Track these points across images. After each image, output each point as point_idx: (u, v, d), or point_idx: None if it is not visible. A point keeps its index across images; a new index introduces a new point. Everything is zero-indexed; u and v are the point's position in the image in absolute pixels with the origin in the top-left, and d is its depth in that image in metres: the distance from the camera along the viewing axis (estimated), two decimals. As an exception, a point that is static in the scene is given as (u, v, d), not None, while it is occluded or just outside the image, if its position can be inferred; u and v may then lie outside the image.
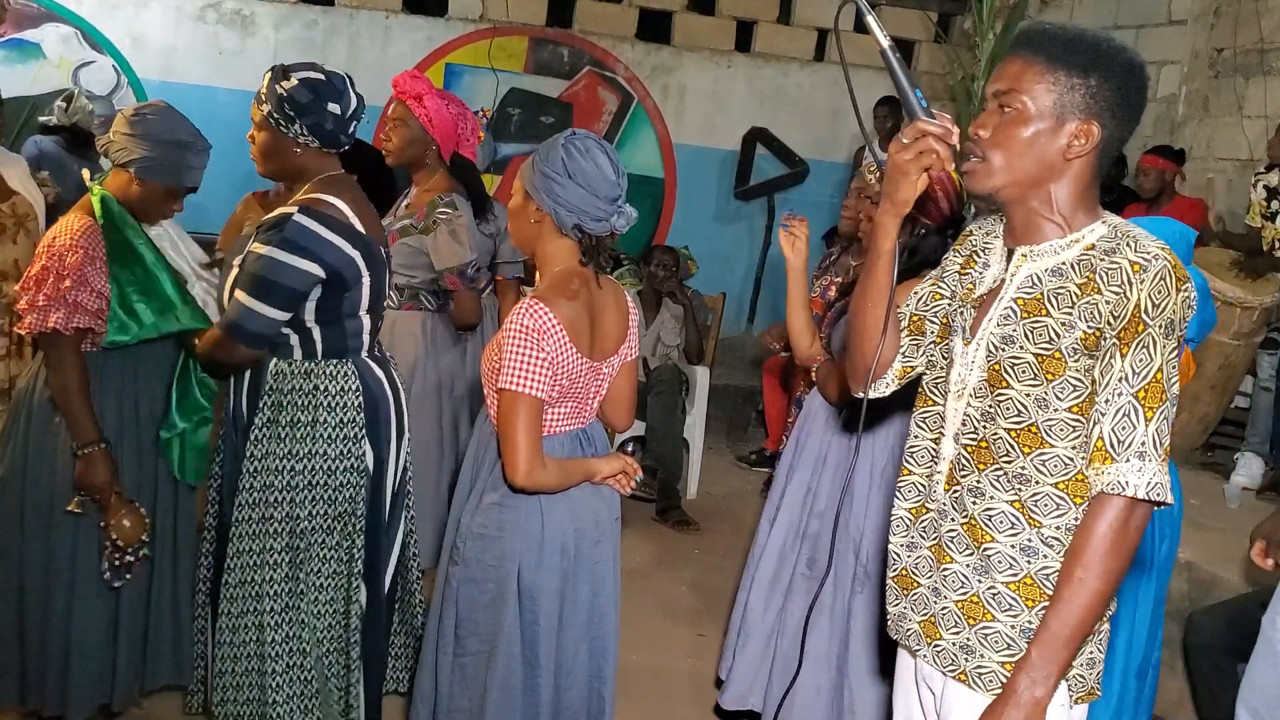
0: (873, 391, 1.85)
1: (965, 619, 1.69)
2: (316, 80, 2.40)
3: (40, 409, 2.60)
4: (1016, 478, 1.63)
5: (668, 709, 3.38)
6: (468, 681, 2.24)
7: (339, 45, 7.14)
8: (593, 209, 2.15)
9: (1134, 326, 1.54)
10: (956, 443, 1.71)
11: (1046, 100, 1.59)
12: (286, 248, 2.33)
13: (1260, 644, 2.62)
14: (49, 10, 6.78)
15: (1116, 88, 1.59)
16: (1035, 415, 1.61)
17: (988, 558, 1.66)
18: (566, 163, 2.13)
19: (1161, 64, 6.55)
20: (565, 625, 2.26)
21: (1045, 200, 1.64)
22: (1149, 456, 1.54)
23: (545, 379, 2.10)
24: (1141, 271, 1.54)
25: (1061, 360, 1.59)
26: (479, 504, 2.23)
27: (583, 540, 2.26)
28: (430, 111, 3.35)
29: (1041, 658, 1.57)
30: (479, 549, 2.21)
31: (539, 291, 2.18)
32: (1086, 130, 1.59)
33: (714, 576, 4.32)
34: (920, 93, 1.63)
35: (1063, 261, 1.62)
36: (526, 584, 2.20)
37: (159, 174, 2.59)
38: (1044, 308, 1.61)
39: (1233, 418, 5.17)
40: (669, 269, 5.51)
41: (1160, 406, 1.55)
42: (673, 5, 7.64)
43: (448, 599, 2.26)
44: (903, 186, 1.64)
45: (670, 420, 5.18)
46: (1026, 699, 1.57)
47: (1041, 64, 1.60)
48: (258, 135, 2.47)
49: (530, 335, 2.09)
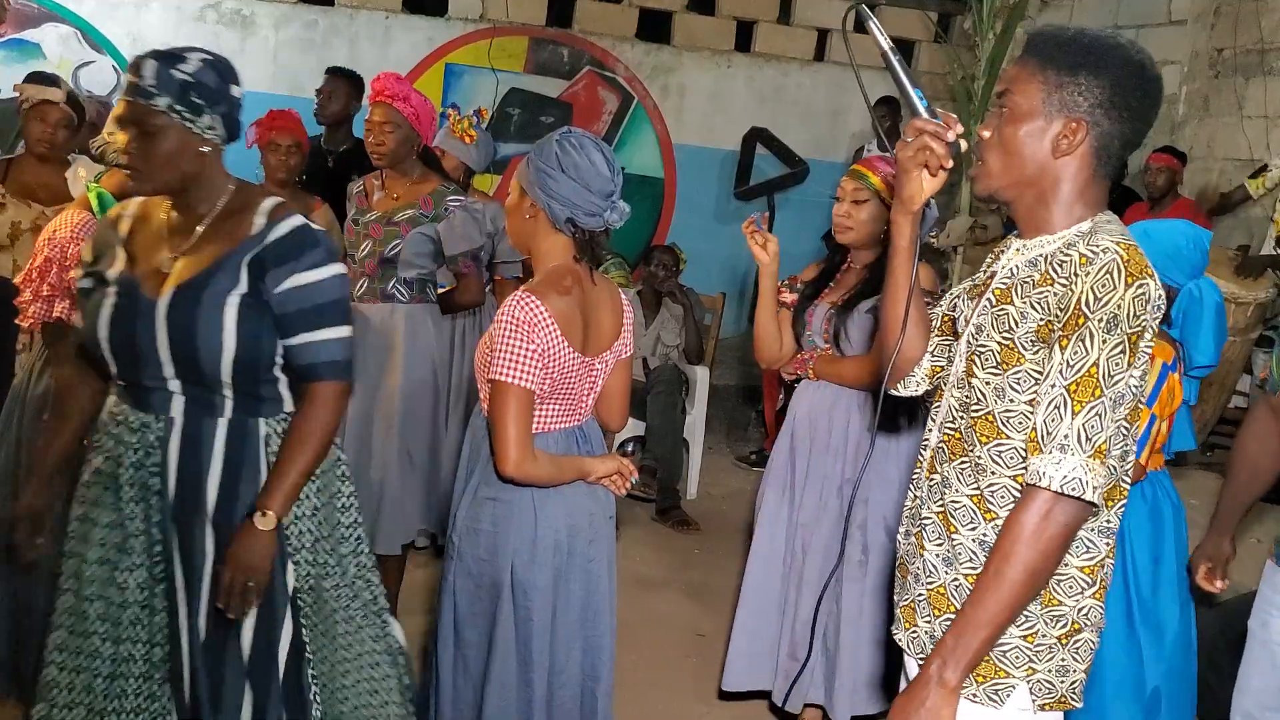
0: (904, 390, 1.88)
1: (933, 608, 1.71)
2: (216, 60, 1.98)
3: (33, 404, 2.62)
4: (976, 468, 1.65)
5: (668, 709, 3.39)
6: (470, 673, 2.27)
7: (339, 45, 7.14)
8: (585, 203, 2.17)
9: (1075, 319, 1.53)
10: (941, 432, 1.74)
11: (1036, 100, 1.61)
12: (335, 258, 2.05)
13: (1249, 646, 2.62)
14: (49, 10, 6.78)
15: (1109, 85, 1.59)
16: (993, 405, 1.62)
17: (954, 548, 1.68)
18: (560, 157, 2.16)
19: (1161, 64, 6.43)
20: (558, 623, 2.28)
21: (1040, 198, 1.65)
22: (1070, 450, 1.51)
23: (536, 370, 2.12)
24: (1087, 264, 1.54)
25: (1015, 350, 1.60)
26: (474, 499, 2.25)
27: (576, 538, 2.28)
28: (416, 108, 3.41)
29: (955, 643, 1.57)
30: (473, 543, 2.24)
31: (531, 285, 2.21)
32: (1073, 128, 1.61)
33: (714, 576, 4.32)
34: (921, 92, 1.66)
35: (1041, 255, 1.64)
36: (519, 579, 2.22)
37: None
38: (1009, 297, 1.64)
39: (1231, 416, 5.16)
40: (669, 269, 5.52)
41: (1091, 401, 1.51)
42: (673, 5, 7.64)
43: (445, 593, 2.30)
44: (905, 184, 1.69)
45: (670, 420, 5.18)
46: (937, 683, 1.58)
47: (1034, 65, 1.63)
48: (143, 140, 1.92)
49: (521, 327, 2.11)
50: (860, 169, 3.00)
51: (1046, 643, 1.63)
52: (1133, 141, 1.65)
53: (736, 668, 3.09)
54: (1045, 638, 1.63)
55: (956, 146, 1.66)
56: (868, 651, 2.90)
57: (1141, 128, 1.65)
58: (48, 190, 3.57)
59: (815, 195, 7.57)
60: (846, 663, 2.91)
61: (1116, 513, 1.66)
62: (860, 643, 2.90)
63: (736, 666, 3.09)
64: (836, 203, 2.99)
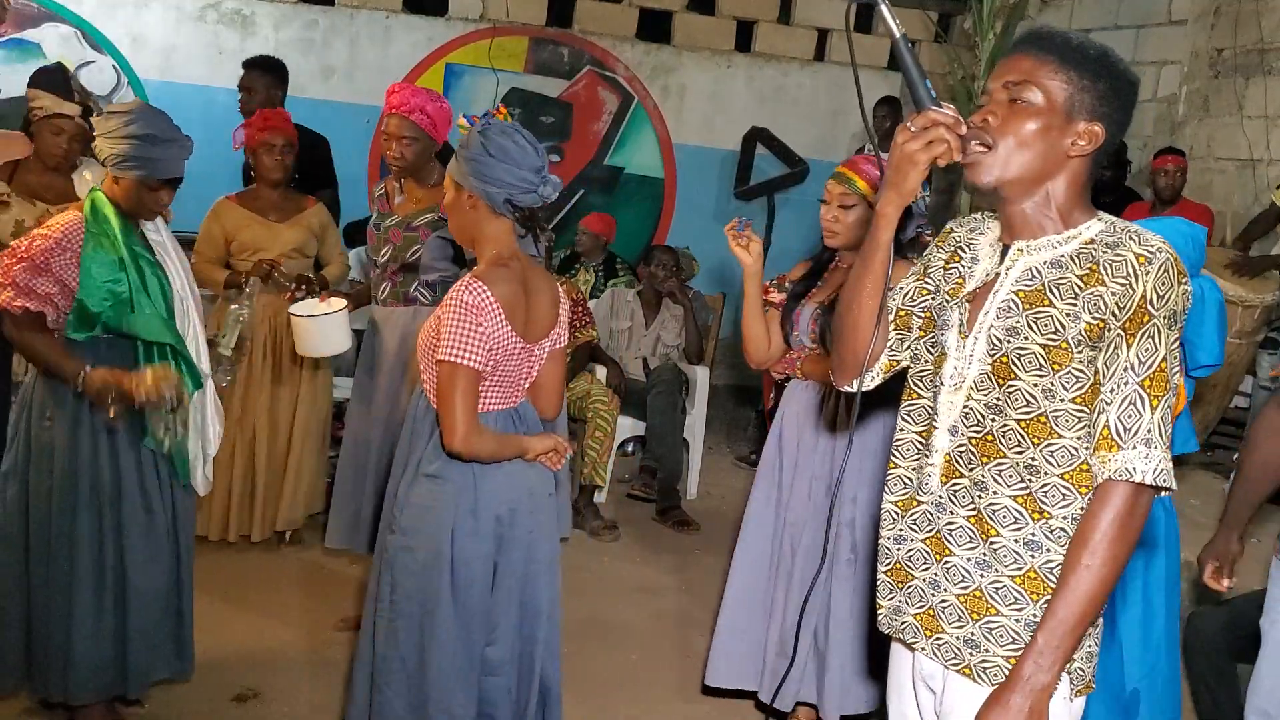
0: (859, 385, 1.84)
1: (969, 613, 1.69)
2: None
3: (38, 405, 2.70)
4: (1027, 469, 1.64)
5: (667, 708, 3.39)
6: (399, 642, 2.36)
7: (339, 45, 7.14)
8: (519, 181, 2.31)
9: (1140, 317, 1.57)
10: (955, 436, 1.71)
11: (1060, 96, 1.62)
12: None
13: (1265, 646, 2.61)
14: (49, 10, 6.77)
15: (1121, 97, 1.65)
16: (1044, 405, 1.62)
17: (993, 551, 1.67)
18: (485, 144, 2.30)
19: (1161, 64, 6.55)
20: (498, 588, 2.41)
21: (1044, 196, 1.66)
22: (1155, 443, 1.57)
23: (481, 352, 2.26)
24: (1147, 264, 1.58)
25: (1068, 350, 1.60)
26: (415, 475, 2.36)
27: (518, 511, 2.41)
28: (432, 117, 3.46)
29: (1048, 644, 1.59)
30: (414, 517, 2.35)
31: (478, 271, 2.33)
32: (1092, 131, 1.63)
33: (714, 577, 4.31)
34: (930, 84, 1.64)
35: (1062, 255, 1.65)
36: (459, 551, 2.33)
37: (129, 168, 2.65)
38: (1046, 299, 1.63)
39: (1232, 417, 5.17)
40: (669, 269, 5.52)
41: (1164, 395, 1.58)
42: (673, 5, 7.64)
43: (384, 565, 2.39)
44: (910, 176, 1.63)
45: (670, 420, 5.18)
46: (1033, 685, 1.59)
47: (1055, 62, 1.63)
48: None
49: (469, 311, 2.24)
50: (845, 172, 2.97)
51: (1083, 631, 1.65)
52: (1111, 150, 1.71)
53: (719, 666, 3.12)
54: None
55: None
56: (858, 650, 2.91)
57: (1120, 135, 1.71)
58: (53, 190, 3.59)
59: (815, 195, 7.53)
60: (836, 661, 2.92)
61: None
62: (850, 641, 2.91)
63: (719, 665, 3.12)
64: (824, 206, 2.98)
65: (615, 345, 5.52)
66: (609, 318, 5.55)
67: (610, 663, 3.63)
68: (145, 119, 2.66)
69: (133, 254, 2.66)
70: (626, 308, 5.56)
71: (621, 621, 3.98)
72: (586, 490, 4.89)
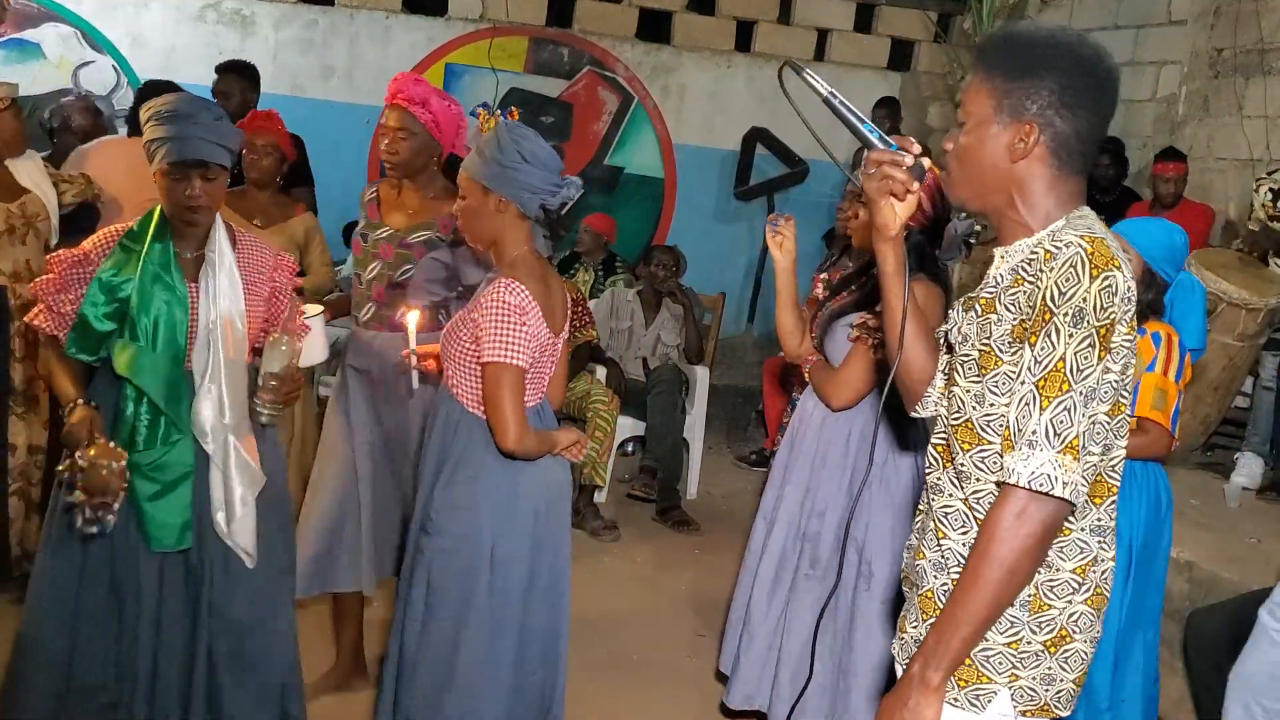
0: (922, 411, 1.85)
1: (921, 614, 1.71)
2: None
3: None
4: (959, 474, 1.66)
5: (668, 708, 3.39)
6: (433, 647, 2.36)
7: (339, 45, 7.14)
8: (549, 185, 2.33)
9: (1042, 315, 1.53)
10: (934, 441, 1.76)
11: (986, 108, 1.63)
12: None
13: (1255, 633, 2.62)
14: (49, 10, 6.77)
15: (1057, 85, 1.59)
16: (971, 412, 1.62)
17: (944, 553, 1.68)
18: (520, 150, 2.29)
19: (1161, 64, 6.54)
20: (533, 587, 2.40)
21: (1009, 203, 1.65)
22: (1039, 445, 1.50)
23: (527, 351, 2.27)
24: (1051, 259, 1.54)
25: (992, 354, 1.60)
26: (452, 477, 2.35)
27: (552, 506, 2.43)
28: (436, 115, 3.07)
29: (937, 644, 1.58)
30: (451, 519, 2.34)
31: (513, 272, 2.33)
32: (1025, 131, 1.60)
33: (714, 576, 4.31)
34: (870, 124, 1.72)
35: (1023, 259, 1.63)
36: (499, 553, 2.33)
37: (152, 151, 2.35)
38: (993, 305, 1.63)
39: (1233, 418, 5.16)
40: (669, 269, 5.52)
41: (1059, 396, 1.50)
42: (673, 5, 7.63)
43: (419, 568, 2.38)
44: (876, 214, 1.72)
45: (670, 420, 5.18)
46: (918, 681, 1.58)
47: (981, 74, 1.64)
48: None
49: (514, 311, 2.26)
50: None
51: (1031, 649, 1.61)
52: (1093, 135, 1.63)
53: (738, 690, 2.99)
54: (1030, 644, 1.61)
55: (919, 167, 1.66)
56: (873, 674, 2.84)
57: (1098, 121, 1.63)
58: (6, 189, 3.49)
59: (815, 195, 7.56)
60: (851, 685, 2.81)
61: (1108, 510, 1.64)
62: (864, 665, 2.81)
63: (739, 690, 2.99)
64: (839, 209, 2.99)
65: (615, 345, 5.52)
66: (609, 318, 5.55)
67: (610, 662, 3.63)
68: (172, 99, 2.39)
69: (152, 273, 2.33)
70: (626, 308, 5.57)
71: (621, 621, 3.98)
72: (586, 490, 4.89)
